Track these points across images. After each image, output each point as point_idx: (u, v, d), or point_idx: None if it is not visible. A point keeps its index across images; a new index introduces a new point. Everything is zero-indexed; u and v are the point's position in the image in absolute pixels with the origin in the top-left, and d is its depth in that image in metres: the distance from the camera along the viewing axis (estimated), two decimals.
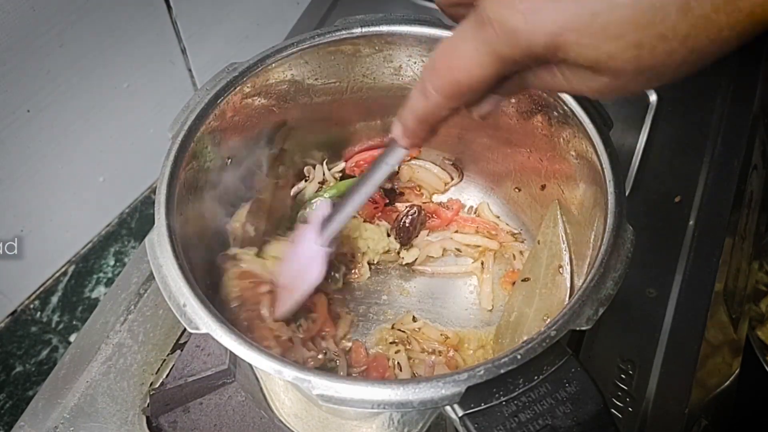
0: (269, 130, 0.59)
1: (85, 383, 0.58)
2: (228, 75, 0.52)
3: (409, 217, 0.65)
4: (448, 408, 0.37)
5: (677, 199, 0.71)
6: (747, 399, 0.69)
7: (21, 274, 0.77)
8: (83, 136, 0.76)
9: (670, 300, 0.63)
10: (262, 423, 0.56)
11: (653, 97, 0.79)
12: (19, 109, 0.67)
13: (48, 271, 0.81)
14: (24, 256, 0.74)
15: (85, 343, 0.61)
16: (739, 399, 0.66)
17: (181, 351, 0.59)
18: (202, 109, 0.50)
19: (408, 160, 0.69)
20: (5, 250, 0.71)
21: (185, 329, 0.54)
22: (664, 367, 0.59)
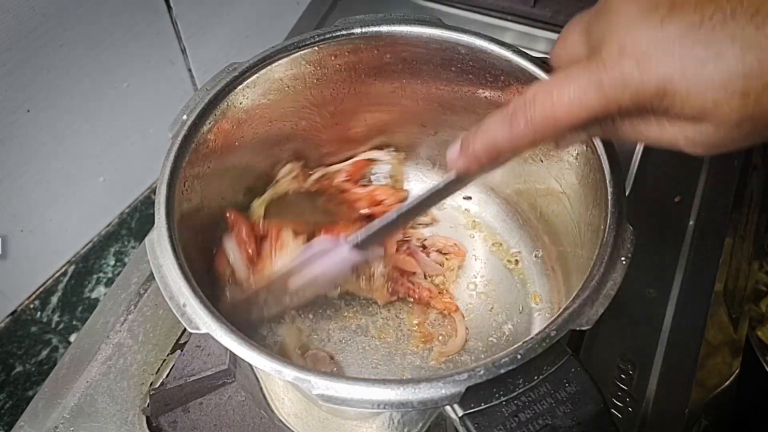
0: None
1: (85, 383, 0.58)
2: (228, 75, 0.52)
3: None
4: (448, 408, 0.37)
5: (677, 199, 0.70)
6: (747, 399, 0.68)
7: (21, 274, 0.77)
8: (83, 136, 0.76)
9: (670, 300, 0.63)
10: (262, 423, 0.56)
11: None
12: (19, 109, 0.67)
13: (48, 271, 0.81)
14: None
15: (85, 343, 0.61)
16: (739, 399, 0.66)
17: (181, 351, 0.59)
18: (202, 109, 0.50)
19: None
20: None
21: (185, 329, 0.54)
22: (664, 367, 0.59)
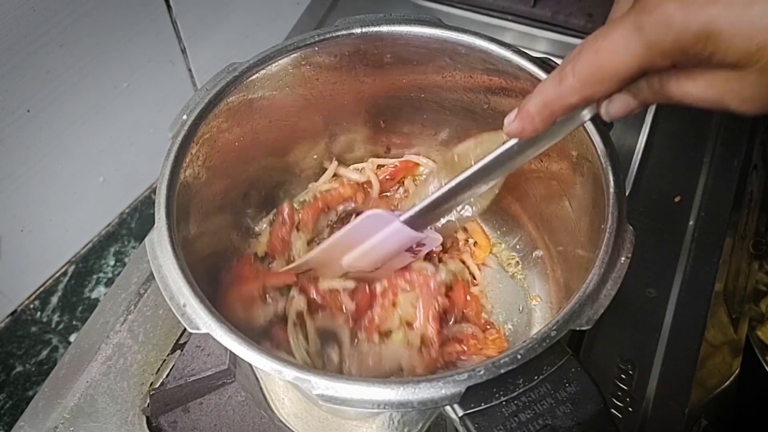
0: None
1: (85, 383, 0.58)
2: (228, 75, 0.52)
3: None
4: (448, 408, 0.37)
5: (677, 199, 0.70)
6: (747, 399, 0.68)
7: (21, 274, 0.78)
8: (83, 136, 0.76)
9: (670, 300, 0.63)
10: (262, 423, 0.56)
11: None
12: (19, 109, 0.67)
13: (48, 271, 0.81)
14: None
15: (85, 343, 0.61)
16: (739, 399, 0.66)
17: (181, 351, 0.59)
18: (202, 109, 0.50)
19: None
20: None
21: (185, 329, 0.54)
22: (664, 367, 0.59)
